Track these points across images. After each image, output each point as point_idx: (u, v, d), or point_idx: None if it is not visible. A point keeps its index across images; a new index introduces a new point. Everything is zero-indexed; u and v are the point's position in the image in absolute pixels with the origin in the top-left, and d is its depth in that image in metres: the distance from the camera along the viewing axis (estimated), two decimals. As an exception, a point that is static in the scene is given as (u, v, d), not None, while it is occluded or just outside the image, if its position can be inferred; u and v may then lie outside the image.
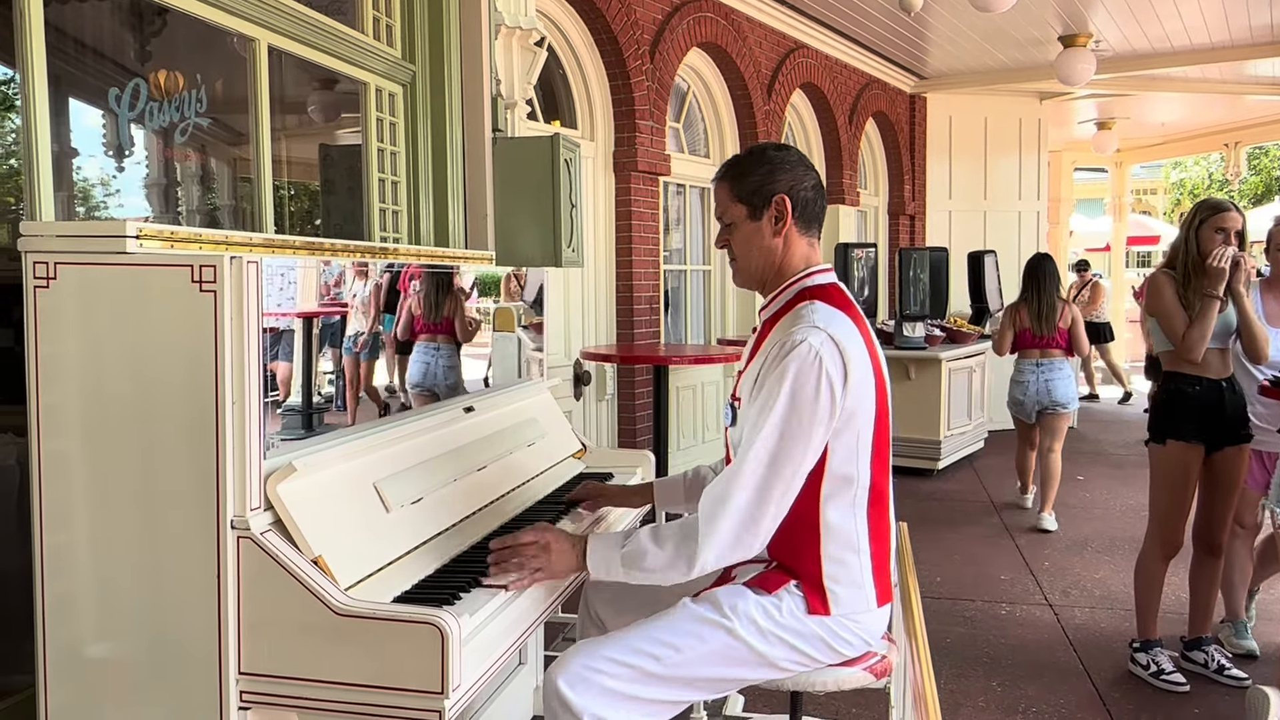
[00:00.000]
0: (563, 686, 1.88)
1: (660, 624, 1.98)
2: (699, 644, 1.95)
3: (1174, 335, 3.49)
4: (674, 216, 6.88)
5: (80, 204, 3.67)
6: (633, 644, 1.94)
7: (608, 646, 1.95)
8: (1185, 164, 23.82)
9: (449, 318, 2.36)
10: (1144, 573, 3.68)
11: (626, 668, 1.91)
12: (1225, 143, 12.97)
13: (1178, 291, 3.48)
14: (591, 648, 1.95)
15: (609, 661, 1.91)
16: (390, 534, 1.91)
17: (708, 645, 1.95)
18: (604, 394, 5.88)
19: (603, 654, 1.92)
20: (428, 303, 2.27)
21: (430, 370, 2.32)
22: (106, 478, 1.68)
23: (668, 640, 1.95)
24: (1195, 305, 3.42)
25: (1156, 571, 3.64)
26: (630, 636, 1.97)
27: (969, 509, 6.29)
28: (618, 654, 1.92)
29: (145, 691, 1.69)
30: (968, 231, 9.95)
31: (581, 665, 1.90)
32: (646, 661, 1.92)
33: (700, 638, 1.95)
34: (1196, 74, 9.49)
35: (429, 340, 2.33)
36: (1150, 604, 3.67)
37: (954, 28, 7.90)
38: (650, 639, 1.95)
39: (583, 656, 1.92)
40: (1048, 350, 5.86)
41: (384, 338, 2.23)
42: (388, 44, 3.05)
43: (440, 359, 2.36)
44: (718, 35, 6.59)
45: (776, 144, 2.22)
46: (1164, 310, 3.51)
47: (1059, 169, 13.34)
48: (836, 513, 2.01)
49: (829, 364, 1.92)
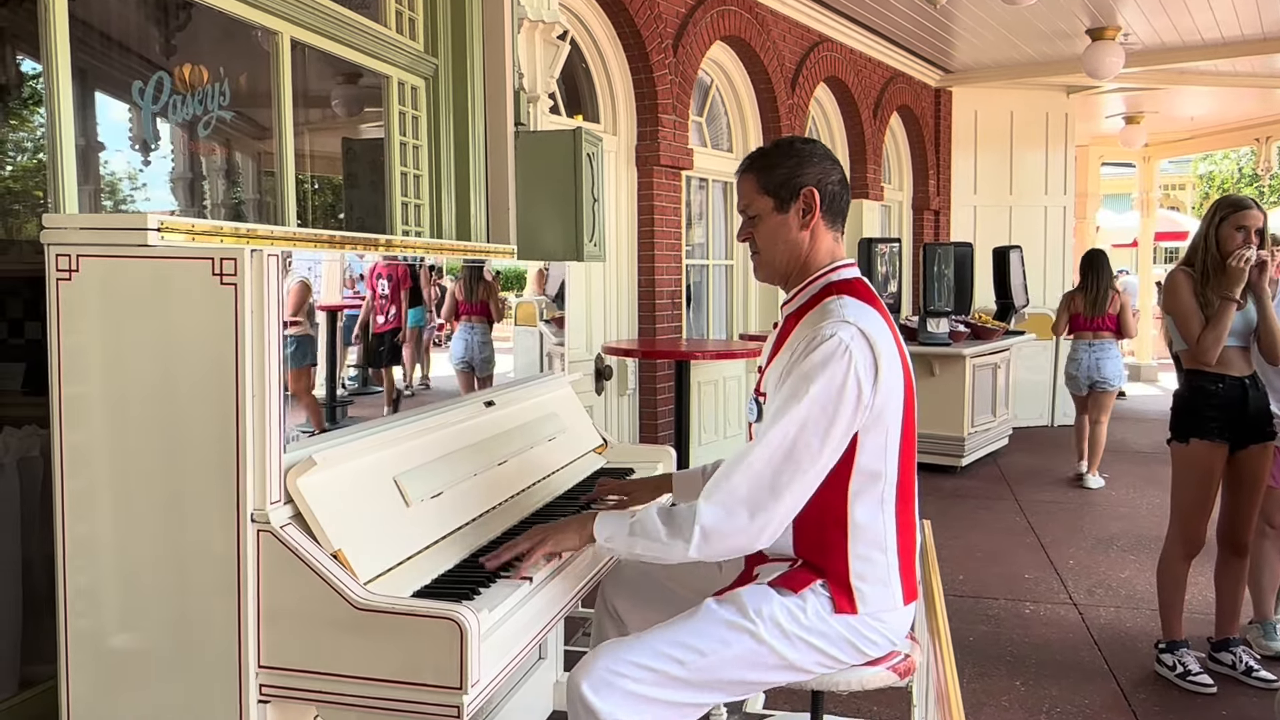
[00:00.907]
0: (586, 691, 1.86)
1: (684, 627, 1.96)
2: (723, 648, 1.93)
3: (1189, 336, 3.45)
4: (696, 211, 6.85)
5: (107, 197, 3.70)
6: (656, 647, 1.92)
7: (631, 650, 1.93)
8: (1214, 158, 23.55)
9: (484, 300, 2.56)
10: (1166, 572, 3.64)
11: (650, 671, 1.90)
12: (1256, 137, 12.80)
13: (1195, 290, 3.43)
14: (614, 650, 1.93)
15: (632, 665, 1.89)
16: (410, 528, 1.91)
17: (732, 649, 1.93)
18: (625, 389, 5.87)
19: (626, 657, 1.90)
20: (466, 288, 2.48)
21: (469, 346, 2.49)
22: (127, 470, 1.69)
23: (692, 644, 1.93)
24: (1213, 304, 3.37)
25: (1179, 571, 3.60)
26: (654, 639, 1.95)
27: (993, 506, 6.25)
28: (641, 658, 1.91)
29: (165, 683, 1.69)
30: (993, 227, 9.88)
31: (605, 669, 1.89)
32: (670, 665, 1.91)
33: (724, 642, 1.93)
34: (1227, 67, 9.37)
35: (466, 320, 2.49)
36: (1174, 604, 3.63)
37: (980, 20, 7.83)
38: (674, 642, 1.93)
39: (606, 659, 1.90)
40: (1099, 332, 6.70)
41: (412, 330, 2.26)
42: (410, 37, 3.05)
43: (475, 336, 2.50)
44: (741, 29, 6.55)
45: (802, 138, 2.19)
46: (1180, 310, 3.48)
47: (1086, 164, 13.20)
48: (864, 510, 1.98)
49: (859, 359, 1.90)
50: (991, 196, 10.02)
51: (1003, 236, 9.55)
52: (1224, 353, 3.42)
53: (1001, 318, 8.23)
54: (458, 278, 2.50)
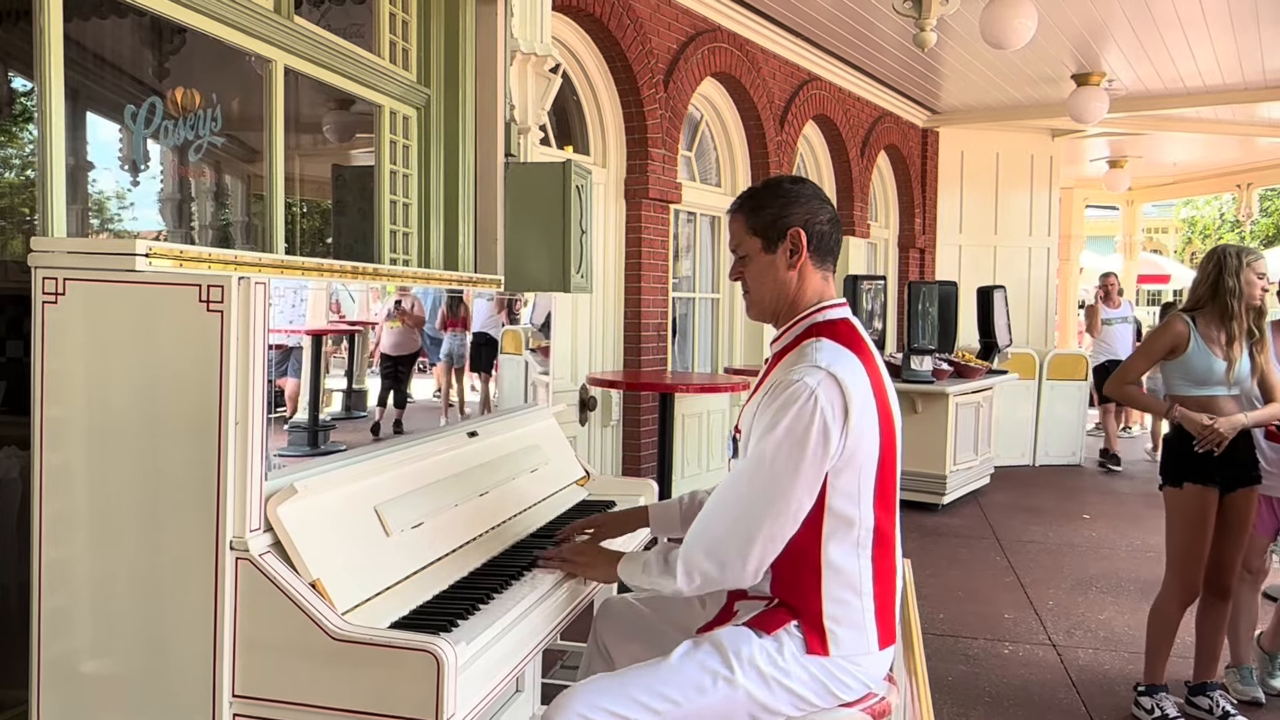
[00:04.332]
0: None
1: (661, 673, 1.95)
2: (699, 696, 1.93)
3: (1130, 368, 3.70)
4: (684, 244, 6.89)
5: (95, 216, 3.69)
6: (633, 694, 1.92)
7: (606, 694, 1.92)
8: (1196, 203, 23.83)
9: (464, 316, 2.77)
10: (1159, 618, 3.63)
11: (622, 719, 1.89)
12: (1238, 184, 12.98)
13: (1185, 337, 3.47)
14: (590, 694, 1.92)
15: (607, 713, 1.88)
16: (390, 558, 1.90)
17: (707, 698, 1.93)
18: (609, 420, 5.87)
19: (601, 704, 1.89)
20: (450, 308, 2.70)
21: (452, 345, 2.68)
22: (108, 493, 1.68)
23: (667, 694, 1.92)
24: (1219, 342, 3.44)
25: (1173, 617, 3.60)
26: (631, 685, 1.94)
27: (973, 545, 6.25)
28: (616, 705, 1.90)
29: (138, 710, 1.68)
30: (977, 266, 9.96)
31: (578, 715, 1.88)
32: (644, 715, 1.90)
33: (701, 690, 1.93)
34: (1209, 114, 9.52)
35: (451, 330, 2.71)
36: (1161, 649, 3.63)
37: (967, 63, 7.94)
38: (650, 690, 1.92)
39: (581, 702, 1.90)
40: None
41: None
42: (403, 67, 3.07)
43: (456, 339, 2.70)
44: (732, 65, 6.62)
45: (793, 176, 2.21)
46: (1145, 350, 3.64)
47: (1070, 205, 13.35)
48: (839, 552, 1.99)
49: (825, 404, 1.91)
50: (976, 236, 10.11)
51: (987, 276, 9.63)
52: (1218, 401, 3.47)
53: (985, 356, 8.27)
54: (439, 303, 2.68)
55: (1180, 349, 3.48)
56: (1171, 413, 3.47)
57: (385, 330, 2.34)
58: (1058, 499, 7.69)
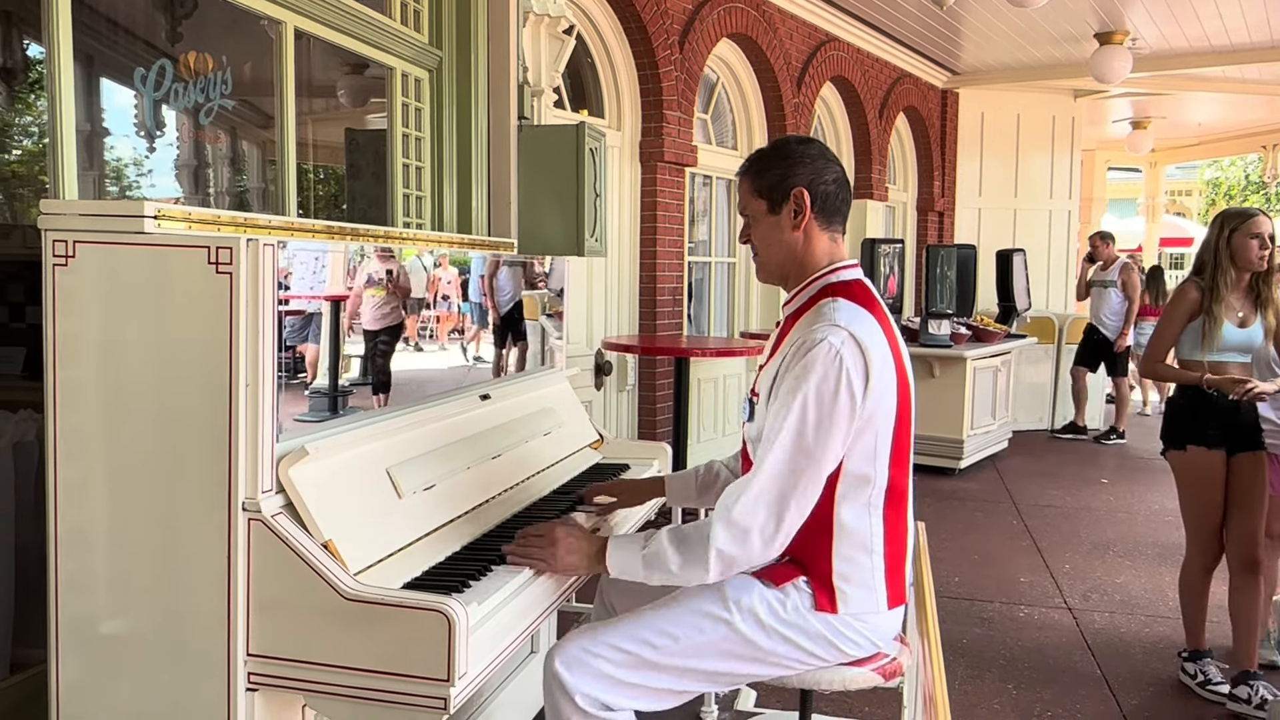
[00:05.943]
0: (559, 667, 1.92)
1: (662, 612, 2.00)
2: (697, 635, 1.96)
3: (1157, 344, 3.60)
4: (700, 208, 6.85)
5: (113, 184, 3.70)
6: (632, 630, 1.97)
7: (607, 631, 1.98)
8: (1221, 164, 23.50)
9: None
10: (1188, 587, 3.66)
11: (623, 653, 1.94)
12: (1263, 144, 12.78)
13: (1199, 306, 3.45)
14: (592, 632, 1.99)
15: (607, 646, 1.95)
16: (402, 520, 1.91)
17: (705, 637, 1.96)
18: (625, 384, 5.87)
19: (602, 639, 1.96)
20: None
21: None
22: (121, 456, 1.69)
23: (667, 629, 1.97)
24: (1216, 317, 3.41)
25: (1200, 584, 3.62)
26: (631, 623, 1.99)
27: (990, 509, 6.24)
28: (616, 639, 1.96)
29: (154, 669, 1.70)
30: (997, 229, 9.86)
31: (579, 648, 1.94)
32: (643, 649, 1.95)
33: (699, 629, 1.97)
34: (1235, 74, 9.35)
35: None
36: (1197, 617, 3.65)
37: (988, 23, 7.82)
38: (650, 626, 1.97)
39: (582, 640, 1.97)
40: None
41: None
42: (415, 29, 3.05)
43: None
44: (748, 26, 6.54)
45: (800, 137, 2.18)
46: (1166, 321, 3.58)
47: (1092, 168, 13.19)
48: (850, 512, 1.98)
49: (850, 364, 1.89)
50: (996, 199, 10.00)
51: (1006, 239, 9.54)
52: (1227, 367, 3.46)
53: (1003, 321, 8.22)
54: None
55: (1194, 315, 3.48)
56: (1207, 380, 3.43)
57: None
58: (1076, 463, 7.66)
